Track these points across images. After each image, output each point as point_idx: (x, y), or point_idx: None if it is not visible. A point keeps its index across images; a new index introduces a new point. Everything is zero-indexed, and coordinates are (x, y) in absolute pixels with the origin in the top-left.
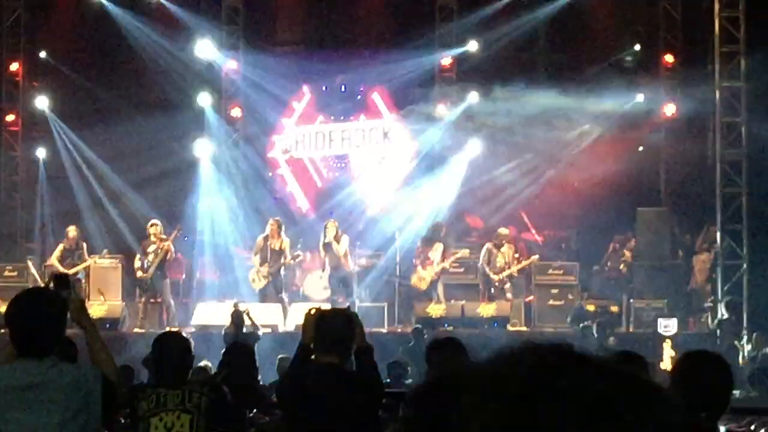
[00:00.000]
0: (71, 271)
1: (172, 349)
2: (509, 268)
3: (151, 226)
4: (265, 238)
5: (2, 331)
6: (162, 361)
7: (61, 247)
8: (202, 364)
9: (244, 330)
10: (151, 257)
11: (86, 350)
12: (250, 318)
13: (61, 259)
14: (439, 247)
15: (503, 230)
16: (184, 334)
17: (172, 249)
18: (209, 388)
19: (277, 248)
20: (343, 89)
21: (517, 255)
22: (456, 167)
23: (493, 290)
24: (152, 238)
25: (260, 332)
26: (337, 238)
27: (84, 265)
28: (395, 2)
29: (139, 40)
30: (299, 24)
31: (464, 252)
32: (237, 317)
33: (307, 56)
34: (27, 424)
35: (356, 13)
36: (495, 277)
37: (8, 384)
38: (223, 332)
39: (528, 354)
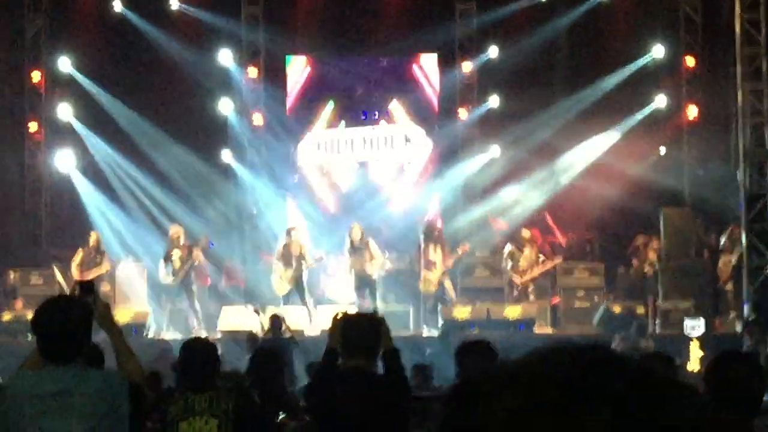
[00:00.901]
0: (88, 276)
1: (198, 355)
2: (532, 270)
3: (175, 231)
4: (286, 244)
5: (30, 338)
6: (189, 367)
7: (81, 252)
8: (229, 369)
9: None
10: (177, 263)
11: (113, 356)
12: (286, 325)
13: (81, 265)
14: (437, 248)
15: (525, 232)
16: (211, 340)
17: (201, 257)
18: (237, 392)
19: (297, 253)
20: (362, 98)
21: (541, 257)
22: (471, 169)
23: (516, 292)
24: (176, 244)
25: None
26: (363, 242)
27: (100, 271)
28: (414, 9)
29: (161, 49)
30: (319, 32)
31: (464, 247)
32: (275, 323)
33: (326, 64)
34: (55, 431)
35: (376, 21)
36: (518, 280)
37: (36, 391)
38: (259, 337)
39: (561, 355)
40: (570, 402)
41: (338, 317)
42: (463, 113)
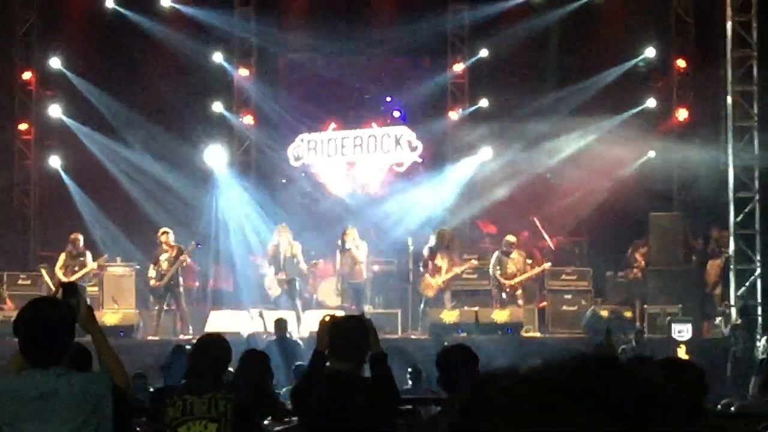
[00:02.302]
0: (74, 277)
1: (213, 352)
2: (520, 274)
3: (162, 234)
4: (276, 246)
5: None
6: (199, 364)
7: (63, 255)
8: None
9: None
10: (164, 265)
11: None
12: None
13: (65, 267)
14: (445, 255)
15: (510, 237)
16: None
17: (188, 259)
18: (235, 395)
19: (289, 254)
20: (354, 99)
21: (530, 261)
22: (463, 171)
23: (504, 296)
24: (164, 246)
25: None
26: (356, 245)
27: (86, 270)
28: (407, 9)
29: (153, 47)
30: (310, 32)
31: (472, 262)
32: (280, 327)
33: (318, 64)
34: None
35: (367, 22)
36: (506, 284)
37: (19, 394)
38: (262, 338)
39: (568, 362)
40: (563, 401)
41: (326, 320)
42: (453, 115)
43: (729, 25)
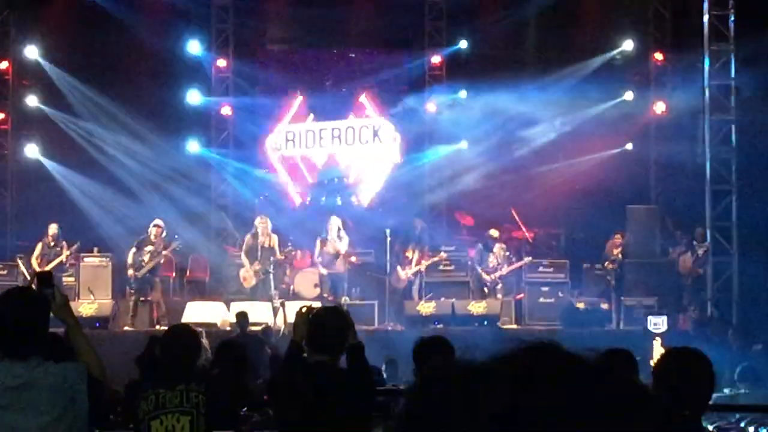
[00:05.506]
0: (48, 267)
1: (182, 342)
2: (501, 269)
3: (155, 226)
4: (254, 236)
5: None
6: (170, 355)
7: (40, 245)
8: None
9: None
10: (146, 257)
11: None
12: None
13: (41, 256)
14: (416, 248)
15: (493, 232)
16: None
17: (169, 255)
18: (207, 386)
19: (267, 245)
20: (332, 90)
21: (508, 254)
22: (440, 162)
23: (485, 290)
24: (152, 238)
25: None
26: (338, 236)
27: (59, 259)
28: (384, 1)
29: (130, 36)
30: (288, 23)
31: (441, 255)
32: (242, 319)
33: (296, 55)
34: (14, 425)
35: (345, 13)
36: (487, 278)
37: None
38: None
39: (514, 354)
40: (517, 394)
41: (303, 311)
42: (430, 107)
43: (706, 18)
